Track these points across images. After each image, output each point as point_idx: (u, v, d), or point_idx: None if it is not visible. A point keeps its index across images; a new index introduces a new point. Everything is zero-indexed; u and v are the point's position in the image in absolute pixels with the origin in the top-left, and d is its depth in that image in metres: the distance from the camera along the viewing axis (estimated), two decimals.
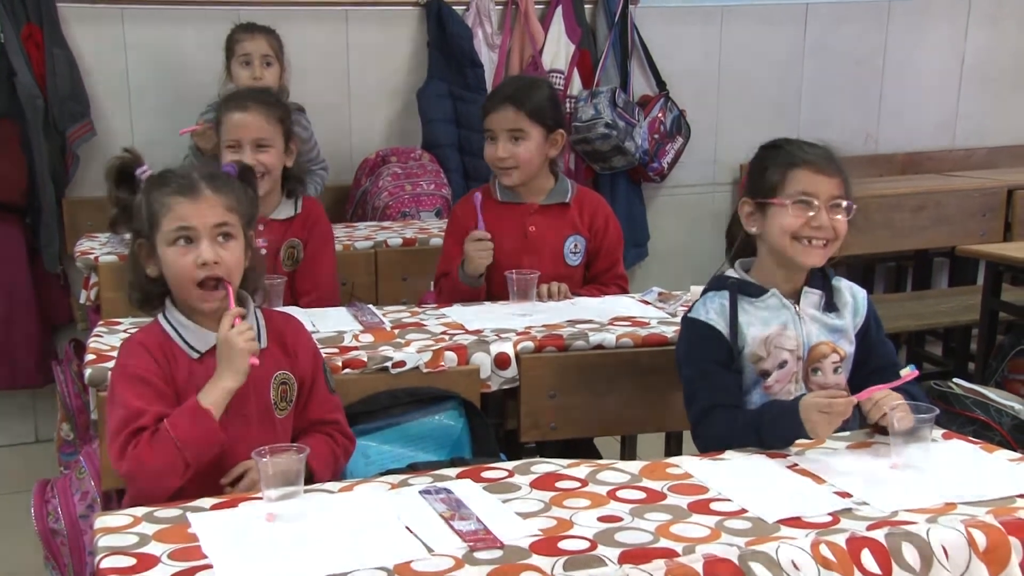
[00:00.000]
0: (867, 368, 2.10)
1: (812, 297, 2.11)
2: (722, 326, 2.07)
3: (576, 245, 2.85)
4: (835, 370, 2.09)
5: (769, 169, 2.08)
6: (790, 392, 2.06)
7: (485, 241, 2.72)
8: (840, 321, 2.12)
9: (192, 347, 1.84)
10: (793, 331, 2.08)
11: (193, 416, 1.73)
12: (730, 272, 2.15)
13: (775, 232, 2.06)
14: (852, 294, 2.16)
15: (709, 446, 1.97)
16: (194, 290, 1.81)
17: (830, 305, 2.12)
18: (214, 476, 1.77)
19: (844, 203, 2.05)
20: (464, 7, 4.29)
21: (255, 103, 2.78)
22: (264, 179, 2.71)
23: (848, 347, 2.12)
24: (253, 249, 1.91)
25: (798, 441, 1.93)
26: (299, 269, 2.84)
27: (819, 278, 2.13)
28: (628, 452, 2.77)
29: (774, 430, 1.92)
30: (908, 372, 1.93)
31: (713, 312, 2.09)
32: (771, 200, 2.05)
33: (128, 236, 1.93)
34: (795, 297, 2.11)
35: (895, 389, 1.92)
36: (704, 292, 2.16)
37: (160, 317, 1.87)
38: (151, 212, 1.83)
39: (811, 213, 2.02)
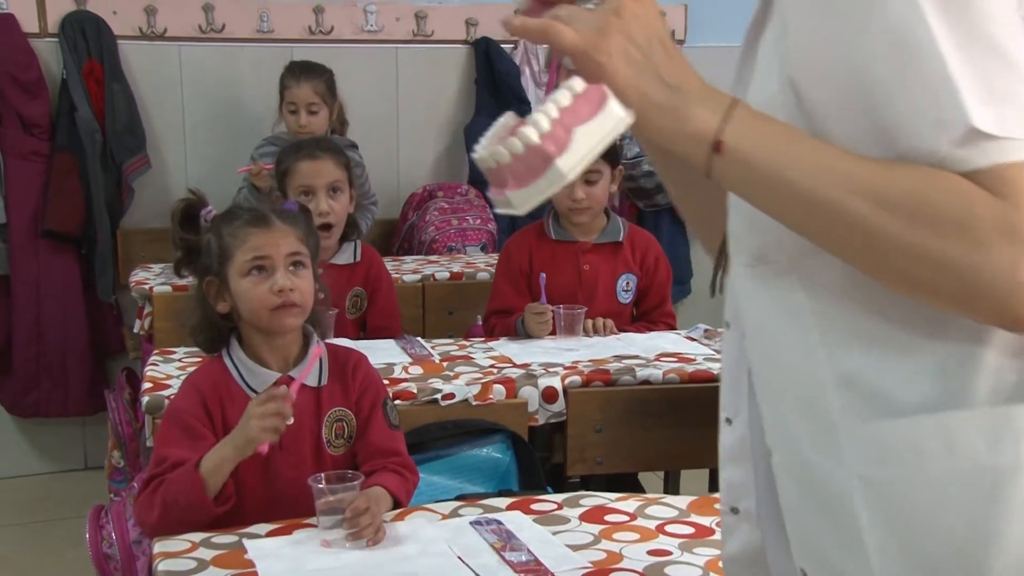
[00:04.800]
0: None
1: None
2: None
3: (628, 283, 2.87)
4: None
5: None
6: None
7: (546, 314, 2.70)
8: None
9: (251, 388, 1.84)
10: None
11: (186, 479, 1.70)
12: None
13: None
14: None
15: None
16: (268, 315, 1.82)
17: None
18: (267, 512, 1.76)
19: None
20: (512, 45, 4.36)
21: (323, 150, 2.84)
22: (333, 230, 2.78)
23: None
24: (320, 284, 1.93)
25: None
26: (373, 313, 2.89)
27: None
28: (671, 487, 2.77)
29: None
30: None
31: None
32: None
33: (185, 277, 1.97)
34: None
35: None
36: None
37: (224, 353, 1.89)
38: (222, 246, 1.85)
39: None
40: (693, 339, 2.76)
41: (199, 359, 2.36)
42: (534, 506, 1.79)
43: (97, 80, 3.82)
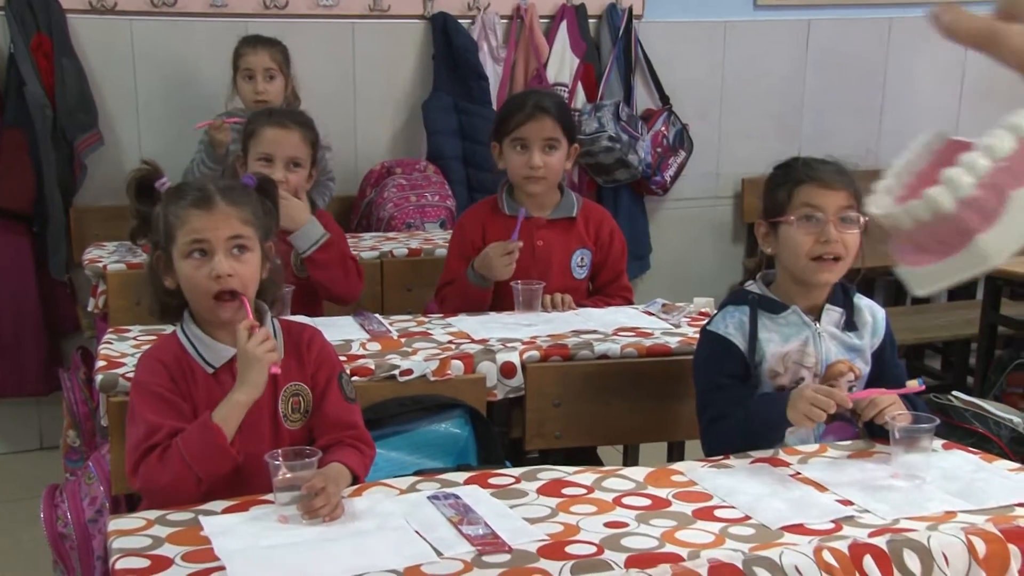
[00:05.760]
0: (877, 387, 2.11)
1: (833, 315, 2.11)
2: (740, 341, 2.09)
3: (583, 259, 2.87)
4: (850, 388, 2.09)
5: (778, 188, 2.10)
6: None
7: (514, 253, 2.70)
8: (859, 341, 2.13)
9: (207, 362, 1.85)
10: (812, 348, 2.09)
11: (202, 432, 1.74)
12: (751, 286, 2.16)
13: (787, 253, 2.08)
14: (872, 313, 2.16)
15: (715, 452, 2.00)
16: (210, 303, 1.83)
17: (850, 324, 2.12)
18: (227, 486, 1.77)
19: (854, 215, 2.05)
20: (469, 20, 4.34)
21: (292, 121, 2.80)
22: None
23: (864, 367, 2.13)
24: (271, 261, 1.93)
25: (800, 448, 1.96)
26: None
27: (840, 296, 2.13)
28: (630, 461, 2.79)
29: (761, 411, 1.98)
30: (915, 384, 1.96)
31: (732, 327, 2.11)
32: (780, 218, 2.07)
33: (141, 245, 1.95)
34: (815, 314, 2.11)
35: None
36: (724, 305, 2.18)
37: (178, 330, 1.89)
38: (167, 225, 1.84)
39: (818, 228, 2.03)
40: (651, 313, 2.77)
41: (154, 337, 2.35)
42: (492, 480, 1.80)
43: (46, 54, 3.74)
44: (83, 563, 2.31)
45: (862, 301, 2.17)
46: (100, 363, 2.25)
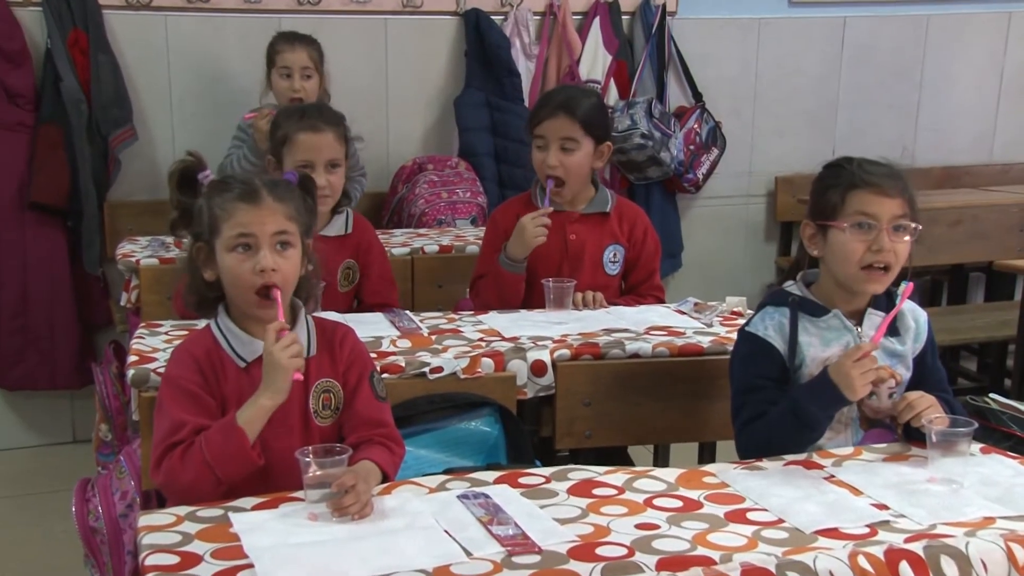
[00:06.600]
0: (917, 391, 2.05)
1: (875, 320, 2.06)
2: (779, 343, 2.06)
3: (615, 254, 2.86)
4: (890, 395, 2.04)
5: (830, 190, 2.04)
6: (842, 412, 2.04)
7: (543, 218, 2.71)
8: (901, 346, 2.09)
9: (240, 356, 1.85)
10: None
11: (226, 434, 1.74)
12: (791, 287, 2.12)
13: (836, 258, 2.03)
14: (915, 318, 2.12)
15: (750, 453, 1.98)
16: (252, 297, 1.82)
17: (892, 329, 2.06)
18: (257, 483, 1.77)
19: (908, 224, 2.00)
20: (502, 17, 4.33)
21: (324, 123, 2.78)
22: (328, 200, 2.75)
23: (905, 373, 2.09)
24: (310, 257, 1.93)
25: (835, 451, 1.94)
26: (367, 289, 2.90)
27: (883, 300, 2.08)
28: (661, 461, 2.77)
29: (810, 403, 1.93)
30: (904, 287, 1.97)
31: (771, 328, 2.07)
32: (831, 223, 2.02)
33: (180, 236, 1.96)
34: (857, 318, 2.07)
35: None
36: (762, 305, 2.14)
37: (212, 323, 1.89)
38: (212, 217, 1.84)
39: (871, 236, 1.98)
40: (683, 312, 2.75)
41: (185, 332, 2.36)
42: (522, 480, 1.79)
43: (82, 50, 3.77)
44: (114, 557, 2.32)
45: (905, 305, 2.12)
46: (132, 358, 2.26)
